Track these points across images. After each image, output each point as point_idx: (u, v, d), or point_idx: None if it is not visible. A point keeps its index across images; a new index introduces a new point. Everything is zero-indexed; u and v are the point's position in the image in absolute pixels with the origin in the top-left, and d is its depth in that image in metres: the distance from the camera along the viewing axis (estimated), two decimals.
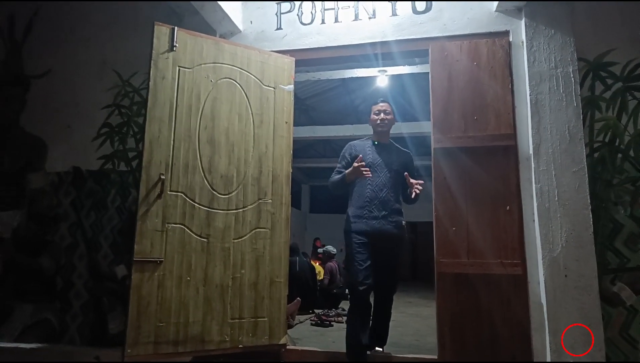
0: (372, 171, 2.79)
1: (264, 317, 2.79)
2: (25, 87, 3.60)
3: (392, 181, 2.87)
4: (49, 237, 3.32)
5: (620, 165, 2.68)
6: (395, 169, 2.89)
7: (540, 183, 2.69)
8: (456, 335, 2.69)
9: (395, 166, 2.90)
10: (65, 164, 3.41)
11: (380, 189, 2.83)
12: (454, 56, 2.98)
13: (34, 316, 3.23)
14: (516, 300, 2.64)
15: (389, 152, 2.97)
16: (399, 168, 2.90)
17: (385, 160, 2.91)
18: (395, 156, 2.96)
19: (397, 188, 2.90)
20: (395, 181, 2.88)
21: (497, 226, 2.74)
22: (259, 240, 2.84)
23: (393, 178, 2.88)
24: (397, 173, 2.89)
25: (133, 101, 3.41)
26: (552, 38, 2.83)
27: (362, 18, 3.20)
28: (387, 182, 2.85)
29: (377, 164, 2.88)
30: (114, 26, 3.55)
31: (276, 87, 3.06)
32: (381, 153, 2.94)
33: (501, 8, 2.96)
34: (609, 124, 2.73)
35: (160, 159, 2.64)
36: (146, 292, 2.49)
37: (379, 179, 2.84)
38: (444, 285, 2.76)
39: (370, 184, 2.83)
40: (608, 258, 2.61)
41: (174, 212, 2.63)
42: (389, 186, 2.84)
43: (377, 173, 2.85)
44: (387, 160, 2.91)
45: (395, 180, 2.88)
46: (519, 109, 2.85)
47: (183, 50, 2.80)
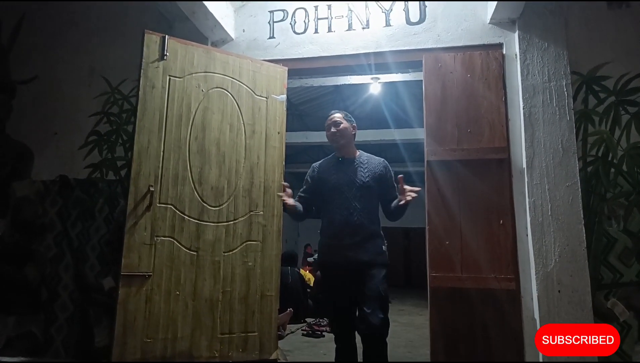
0: (339, 193, 2.49)
1: (254, 332, 2.73)
2: (11, 94, 3.52)
3: (364, 200, 2.47)
4: (34, 247, 3.24)
5: (614, 179, 2.67)
6: (366, 184, 2.50)
7: (533, 196, 2.67)
8: (450, 350, 2.66)
9: (365, 181, 2.51)
10: (51, 172, 3.33)
11: (350, 212, 2.42)
12: (448, 68, 2.96)
13: (17, 328, 3.14)
14: (510, 315, 2.62)
15: (355, 167, 2.57)
16: (371, 181, 2.52)
17: (352, 177, 2.52)
18: (364, 170, 2.56)
19: (371, 207, 2.50)
20: (368, 199, 2.49)
21: (491, 240, 2.72)
22: (250, 253, 2.79)
23: (365, 196, 2.48)
24: (368, 189, 2.50)
25: (122, 108, 3.35)
26: (545, 51, 2.82)
27: (356, 28, 3.18)
28: (358, 203, 2.45)
29: (342, 183, 2.51)
30: (103, 32, 3.48)
31: (268, 97, 3.02)
32: (347, 169, 2.56)
33: (495, 20, 2.95)
34: (602, 138, 2.73)
35: (150, 171, 2.58)
36: (133, 307, 2.43)
37: (347, 201, 2.45)
38: (437, 299, 2.73)
39: (339, 208, 2.46)
40: (602, 273, 2.59)
41: (163, 225, 2.58)
42: (361, 207, 2.45)
43: (344, 194, 2.48)
44: (355, 176, 2.53)
45: (368, 198, 2.49)
46: (512, 121, 2.84)
47: (174, 59, 2.75)
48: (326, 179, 2.58)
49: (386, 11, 3.15)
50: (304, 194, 2.69)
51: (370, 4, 3.18)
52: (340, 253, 2.43)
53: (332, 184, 2.53)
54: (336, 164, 2.64)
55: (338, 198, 2.48)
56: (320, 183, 2.60)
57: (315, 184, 2.62)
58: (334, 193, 2.51)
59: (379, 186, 2.54)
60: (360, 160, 2.62)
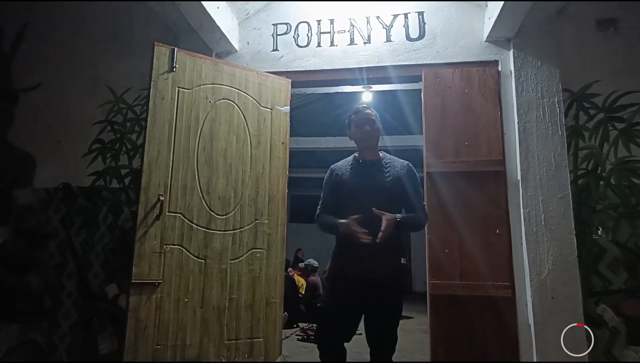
0: (357, 198, 2.25)
1: (259, 338, 2.80)
2: (14, 101, 3.54)
3: (385, 206, 2.19)
4: (36, 255, 3.26)
5: (603, 192, 2.82)
6: (387, 189, 2.27)
7: (528, 207, 2.80)
8: (449, 354, 2.76)
9: (386, 185, 2.28)
10: (55, 180, 3.36)
11: (368, 220, 2.14)
12: (447, 83, 3.09)
13: (20, 336, 3.13)
14: (506, 321, 2.74)
15: (377, 170, 2.34)
16: (392, 186, 2.28)
17: (372, 181, 2.30)
18: (385, 173, 2.32)
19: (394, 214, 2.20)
20: (388, 205, 2.21)
21: (488, 248, 2.84)
22: (255, 261, 2.86)
23: (385, 202, 2.22)
24: (389, 194, 2.27)
25: (126, 117, 3.39)
26: (539, 69, 2.97)
27: (358, 43, 3.28)
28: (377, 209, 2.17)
29: (361, 188, 2.29)
30: (108, 42, 3.53)
31: (273, 109, 3.10)
32: (367, 173, 2.34)
33: (491, 39, 3.09)
34: (592, 152, 2.88)
35: (159, 180, 2.64)
36: (144, 315, 2.48)
37: (365, 207, 2.16)
38: (436, 306, 2.84)
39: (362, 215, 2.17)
40: (592, 281, 2.73)
41: (172, 233, 2.63)
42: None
43: (362, 200, 2.23)
44: (375, 180, 2.30)
45: (388, 204, 2.21)
46: (507, 136, 2.97)
47: (182, 71, 2.81)
48: (344, 183, 2.34)
49: (387, 27, 3.27)
50: (328, 203, 2.39)
51: (372, 19, 3.29)
52: (355, 265, 2.18)
53: (350, 188, 2.30)
54: (356, 167, 2.38)
55: (355, 204, 2.22)
56: (339, 186, 2.36)
57: (335, 188, 2.37)
58: (352, 198, 2.28)
59: (401, 190, 2.28)
60: (382, 162, 2.37)
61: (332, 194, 2.39)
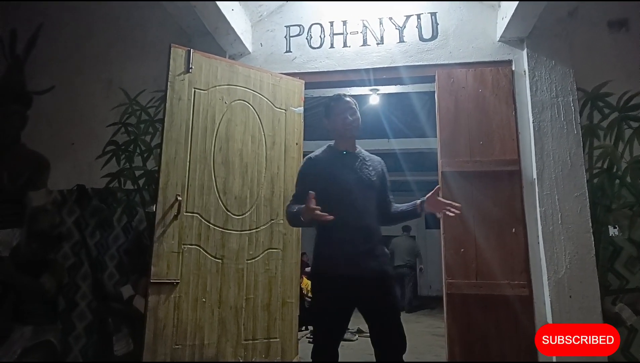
0: (348, 192, 2.12)
1: (276, 338, 2.80)
2: (27, 104, 3.55)
3: (371, 200, 2.17)
4: (50, 256, 3.26)
5: (618, 191, 2.83)
6: (373, 183, 2.20)
7: (544, 206, 2.81)
8: (466, 355, 2.76)
9: (372, 179, 2.21)
10: (69, 182, 3.36)
11: (361, 214, 2.09)
12: (460, 83, 3.10)
13: (34, 337, 3.13)
14: (523, 321, 2.74)
15: (360, 163, 2.23)
16: (375, 180, 2.22)
17: (359, 174, 2.19)
18: (369, 167, 2.24)
19: (375, 209, 2.20)
20: (373, 199, 2.19)
21: (504, 248, 2.84)
22: (272, 261, 2.86)
23: (372, 197, 2.18)
24: (373, 188, 2.20)
25: (140, 119, 3.40)
26: (552, 69, 2.98)
27: (371, 44, 3.30)
28: (367, 203, 2.14)
29: (351, 180, 2.15)
30: (121, 44, 3.54)
31: (287, 109, 3.12)
32: (352, 165, 2.20)
33: (504, 39, 3.11)
34: (607, 151, 2.89)
35: (177, 181, 2.64)
36: (162, 314, 2.48)
37: (357, 201, 2.10)
38: (453, 305, 2.83)
39: (349, 209, 2.08)
40: (609, 280, 2.73)
41: (189, 233, 2.64)
42: (370, 208, 2.15)
43: (353, 193, 2.12)
44: (362, 173, 2.19)
45: (373, 199, 2.19)
46: (522, 135, 2.98)
47: (198, 72, 2.83)
48: (331, 175, 2.15)
49: (399, 28, 3.29)
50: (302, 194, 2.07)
51: (384, 20, 3.31)
52: (353, 262, 2.04)
53: (340, 181, 2.13)
54: (341, 158, 2.23)
55: (347, 197, 2.10)
56: (323, 178, 2.15)
57: (315, 179, 2.15)
58: (343, 191, 2.11)
59: (380, 183, 2.25)
60: (362, 156, 2.28)
61: (311, 186, 2.07)
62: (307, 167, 2.26)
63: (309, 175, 2.21)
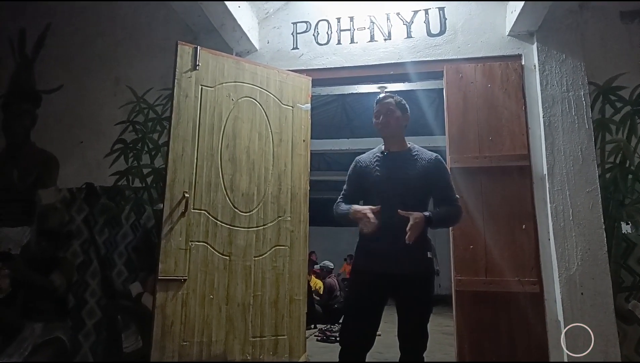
0: (380, 192, 2.19)
1: (284, 335, 2.79)
2: (36, 103, 3.58)
3: (409, 200, 2.13)
4: (60, 254, 3.28)
5: (631, 186, 2.78)
6: (412, 182, 2.18)
7: (555, 202, 2.77)
8: (475, 352, 2.72)
9: (411, 178, 2.19)
10: (78, 180, 3.38)
11: (392, 214, 2.06)
12: (469, 78, 3.07)
13: (44, 334, 3.16)
14: (534, 318, 2.70)
15: (402, 162, 2.24)
16: (418, 179, 2.19)
17: (397, 173, 2.21)
18: (411, 166, 2.22)
19: (417, 209, 2.09)
20: (413, 199, 2.15)
21: (514, 244, 2.80)
22: (279, 258, 2.85)
23: (410, 196, 2.15)
24: (414, 187, 2.18)
25: (147, 117, 3.42)
26: (563, 62, 2.93)
27: (378, 39, 3.28)
28: (402, 203, 2.10)
29: (385, 180, 2.21)
30: (128, 43, 3.56)
31: (294, 106, 3.10)
32: (392, 165, 2.24)
33: (513, 33, 3.07)
34: (619, 146, 2.84)
35: (184, 178, 2.64)
36: (170, 311, 2.48)
37: (389, 200, 2.11)
38: (462, 302, 2.80)
39: (386, 208, 2.09)
40: (622, 277, 2.68)
41: (197, 230, 2.64)
42: (405, 209, 2.08)
43: (386, 193, 2.17)
44: (400, 173, 2.20)
45: (413, 198, 2.15)
46: (532, 130, 2.94)
47: (205, 69, 2.82)
48: (368, 175, 2.27)
49: (407, 23, 3.26)
50: (349, 193, 2.34)
51: (392, 16, 3.29)
52: (379, 260, 2.12)
53: (374, 181, 2.23)
54: (380, 159, 2.29)
55: (379, 197, 2.16)
56: (362, 178, 2.30)
57: (358, 180, 2.32)
58: (375, 191, 2.21)
59: (427, 183, 2.20)
60: (409, 154, 2.28)
61: (355, 186, 2.34)
62: (352, 168, 2.40)
63: (352, 176, 2.38)
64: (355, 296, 2.25)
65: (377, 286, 2.14)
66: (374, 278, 2.13)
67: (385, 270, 2.11)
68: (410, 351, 2.16)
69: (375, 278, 2.13)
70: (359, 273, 2.24)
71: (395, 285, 2.12)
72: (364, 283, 2.18)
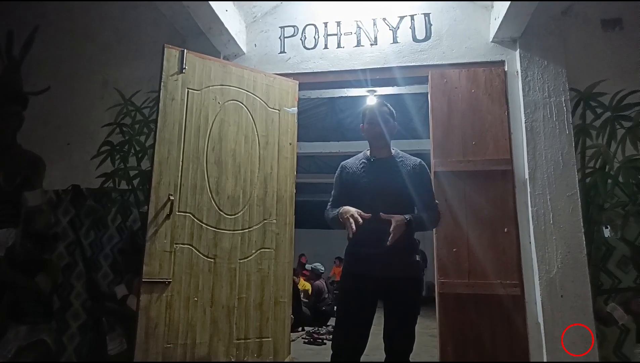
0: (367, 197, 2.21)
1: (268, 337, 2.81)
2: (23, 105, 3.57)
3: (396, 205, 2.17)
4: (45, 256, 3.27)
5: (611, 190, 2.83)
6: (398, 187, 2.23)
7: (536, 206, 2.81)
8: (458, 354, 2.76)
9: (397, 183, 2.24)
10: (64, 182, 3.37)
11: (379, 220, 2.09)
12: (453, 83, 3.11)
13: (29, 336, 3.15)
14: (515, 320, 2.74)
15: (388, 167, 2.29)
16: (403, 184, 2.24)
17: (383, 179, 2.25)
18: (397, 171, 2.28)
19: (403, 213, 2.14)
20: (400, 204, 2.19)
21: (496, 247, 2.84)
22: (264, 260, 2.87)
23: (396, 201, 2.20)
24: (400, 192, 2.23)
25: (135, 119, 3.42)
26: (545, 69, 2.98)
27: (364, 44, 3.31)
28: (388, 208, 2.13)
29: (372, 186, 2.25)
30: (117, 46, 3.56)
31: (281, 110, 3.13)
32: (378, 170, 2.29)
33: (497, 39, 3.11)
34: (599, 151, 2.89)
35: (170, 180, 2.66)
36: (154, 313, 2.49)
37: (376, 205, 2.12)
38: (445, 305, 2.83)
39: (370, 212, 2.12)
40: (601, 279, 2.73)
41: (182, 232, 2.65)
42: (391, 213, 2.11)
43: (373, 198, 2.19)
44: (386, 178, 2.26)
45: (399, 203, 2.20)
46: (515, 135, 2.98)
47: (192, 72, 2.84)
48: (355, 181, 2.31)
49: (393, 28, 3.30)
50: (337, 198, 2.35)
51: (378, 21, 3.32)
52: (366, 264, 2.16)
53: (361, 187, 2.27)
54: (367, 164, 2.33)
55: (366, 202, 2.16)
56: (349, 184, 2.33)
57: (345, 186, 2.35)
58: (362, 196, 2.22)
59: (413, 188, 2.24)
60: (394, 160, 2.33)
61: (342, 191, 2.36)
62: (338, 174, 2.45)
63: (338, 180, 2.42)
64: (346, 301, 2.27)
65: (368, 290, 2.17)
66: (364, 282, 2.17)
67: (375, 273, 2.14)
68: (397, 352, 2.20)
69: (366, 282, 2.16)
70: (349, 277, 2.28)
71: (384, 288, 2.17)
72: (355, 287, 2.21)
